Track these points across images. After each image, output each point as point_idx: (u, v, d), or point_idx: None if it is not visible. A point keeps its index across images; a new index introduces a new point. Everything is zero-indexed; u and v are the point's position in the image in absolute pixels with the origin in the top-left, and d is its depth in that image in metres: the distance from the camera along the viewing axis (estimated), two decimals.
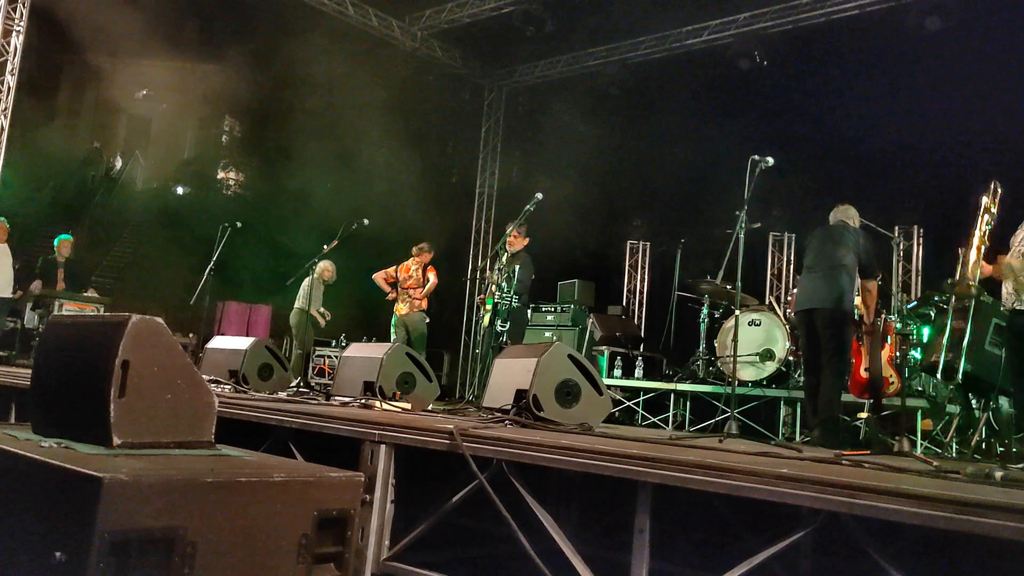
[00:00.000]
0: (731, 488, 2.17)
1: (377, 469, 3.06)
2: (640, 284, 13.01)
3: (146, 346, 2.67)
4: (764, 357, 7.32)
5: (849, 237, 5.64)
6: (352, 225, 7.37)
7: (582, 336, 8.38)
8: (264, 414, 3.62)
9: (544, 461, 2.63)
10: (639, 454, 2.42)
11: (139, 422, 2.63)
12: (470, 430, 2.97)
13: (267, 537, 2.34)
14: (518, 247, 7.06)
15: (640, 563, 2.37)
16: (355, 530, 2.54)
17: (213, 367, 5.81)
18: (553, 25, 11.15)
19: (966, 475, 2.92)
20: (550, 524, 2.63)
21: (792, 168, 8.79)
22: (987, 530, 1.77)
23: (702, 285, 8.04)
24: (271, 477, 2.37)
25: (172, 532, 2.15)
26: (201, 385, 2.78)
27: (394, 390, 5.00)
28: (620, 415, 8.25)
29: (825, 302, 5.51)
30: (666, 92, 11.95)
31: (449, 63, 13.09)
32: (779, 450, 3.68)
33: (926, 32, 9.34)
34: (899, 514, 1.88)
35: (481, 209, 13.87)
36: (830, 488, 1.99)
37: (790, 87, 10.65)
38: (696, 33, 11.32)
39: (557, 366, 4.07)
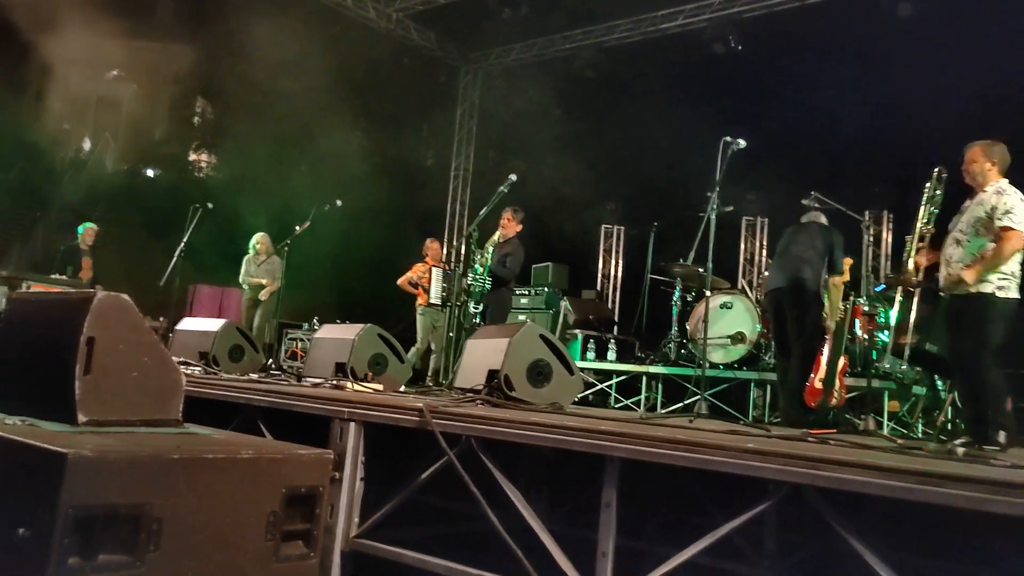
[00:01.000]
0: (699, 462, 2.20)
1: (347, 447, 3.05)
2: (614, 268, 13.06)
3: (112, 323, 2.64)
4: (735, 340, 7.40)
5: (823, 235, 5.80)
6: (324, 207, 7.31)
7: (556, 319, 8.41)
8: (233, 393, 3.60)
9: (513, 437, 2.64)
10: (607, 429, 2.44)
11: (105, 399, 2.61)
12: (440, 407, 2.97)
13: (235, 514, 2.33)
14: (511, 233, 7.02)
15: (607, 537, 2.39)
16: (324, 507, 2.54)
17: (183, 349, 5.75)
18: (529, 8, 11.10)
19: (928, 451, 2.99)
20: (519, 501, 2.65)
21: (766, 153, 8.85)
22: (945, 500, 1.81)
23: (674, 268, 8.09)
24: (238, 454, 2.36)
25: (138, 509, 2.13)
26: (168, 363, 2.75)
27: (366, 371, 4.99)
28: (593, 397, 8.29)
29: (794, 282, 5.65)
30: (641, 76, 11.95)
31: (424, 45, 12.99)
32: (747, 429, 3.72)
33: (899, 18, 9.43)
34: (861, 485, 1.92)
35: (456, 191, 13.83)
36: (794, 460, 2.02)
37: (764, 72, 10.70)
38: (671, 17, 11.33)
39: (529, 346, 4.08)
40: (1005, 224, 4.26)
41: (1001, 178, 4.49)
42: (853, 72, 10.01)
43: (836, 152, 10.22)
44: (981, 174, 4.45)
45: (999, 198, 4.34)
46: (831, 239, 5.81)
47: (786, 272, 5.70)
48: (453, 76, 13.86)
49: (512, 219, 6.99)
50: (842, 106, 9.93)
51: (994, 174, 4.47)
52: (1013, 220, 4.25)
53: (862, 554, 1.98)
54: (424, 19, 12.53)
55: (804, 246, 5.76)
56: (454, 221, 13.74)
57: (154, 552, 2.14)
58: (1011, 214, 4.26)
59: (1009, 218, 4.25)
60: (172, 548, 2.18)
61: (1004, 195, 4.34)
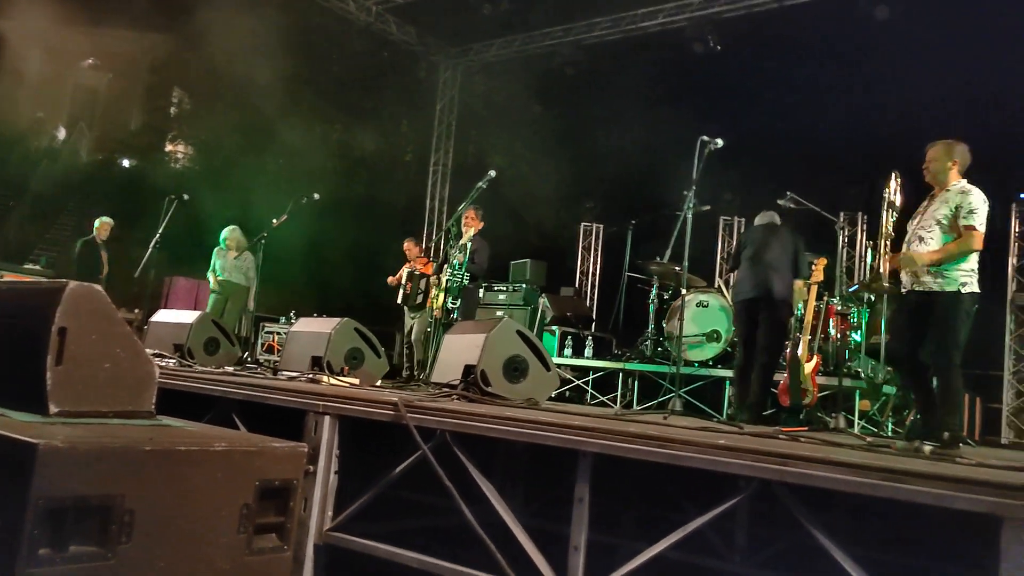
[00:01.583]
0: (670, 458, 2.22)
1: (321, 440, 3.05)
2: (592, 265, 13.11)
3: (84, 313, 2.62)
4: (710, 338, 7.46)
5: (788, 238, 5.92)
6: (302, 200, 7.27)
7: (533, 315, 8.44)
8: (207, 386, 3.58)
9: (488, 432, 2.66)
10: (580, 425, 2.46)
11: (76, 390, 2.58)
12: (415, 402, 2.98)
13: (207, 506, 2.32)
14: (473, 230, 7.07)
15: (579, 531, 2.42)
16: (297, 500, 2.53)
17: (157, 341, 5.70)
18: (509, 4, 11.09)
19: (896, 449, 3.04)
20: (493, 495, 2.66)
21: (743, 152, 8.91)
22: (910, 496, 1.84)
23: (651, 266, 8.14)
24: (211, 447, 2.35)
25: (109, 500, 2.12)
26: (141, 354, 2.73)
27: (342, 365, 4.98)
28: (570, 393, 8.33)
29: (767, 291, 5.77)
30: (621, 74, 12.00)
31: (404, 39, 12.94)
32: (720, 426, 3.76)
33: (875, 21, 9.54)
34: (829, 481, 1.95)
35: (435, 187, 13.80)
36: (764, 457, 2.06)
37: (743, 72, 10.79)
38: (651, 16, 11.37)
39: (505, 342, 4.09)
40: (969, 223, 4.36)
41: (962, 178, 4.58)
42: (830, 73, 10.13)
43: (812, 153, 10.33)
44: (943, 173, 4.54)
45: (963, 197, 4.43)
46: (796, 244, 5.96)
47: (759, 280, 5.81)
48: (433, 71, 13.83)
49: (475, 217, 7.09)
50: (818, 107, 10.05)
51: (955, 173, 4.57)
52: (975, 220, 4.35)
53: (828, 549, 2.02)
54: (404, 13, 12.48)
55: (775, 252, 5.86)
56: (433, 216, 13.71)
57: (125, 544, 2.13)
58: (975, 214, 4.36)
59: (973, 217, 4.35)
60: (144, 540, 2.16)
61: (969, 195, 4.43)
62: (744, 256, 6.06)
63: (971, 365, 8.54)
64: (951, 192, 4.51)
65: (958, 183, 4.54)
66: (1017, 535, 1.69)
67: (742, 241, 6.32)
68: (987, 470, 2.13)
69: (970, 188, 4.49)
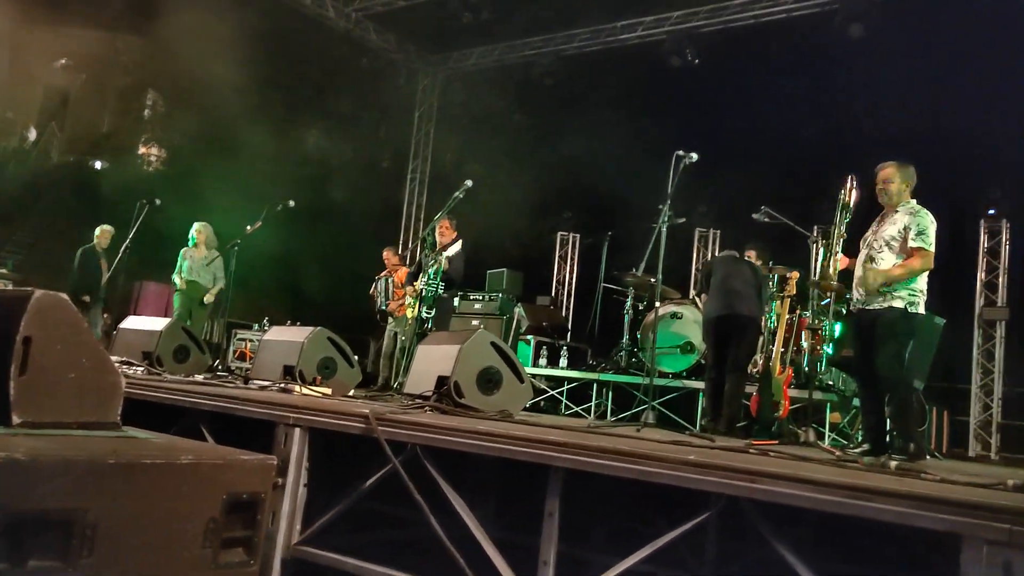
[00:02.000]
0: (640, 473, 2.23)
1: (291, 452, 3.02)
2: (569, 275, 13.15)
3: (49, 323, 2.57)
4: (684, 349, 7.50)
5: (755, 274, 6.22)
6: (277, 207, 7.22)
7: (509, 325, 8.44)
8: (176, 396, 3.53)
9: (459, 446, 2.65)
10: (551, 440, 2.46)
11: (41, 401, 2.54)
12: (386, 415, 2.96)
13: (173, 520, 2.29)
14: (448, 240, 7.08)
15: (549, 546, 2.41)
16: (265, 514, 2.50)
17: (126, 348, 5.63)
18: (489, 13, 11.12)
19: (863, 464, 3.07)
20: (462, 508, 2.65)
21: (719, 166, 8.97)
22: (874, 514, 1.86)
23: (627, 278, 8.18)
24: (178, 460, 2.32)
25: (71, 514, 2.09)
26: (107, 364, 2.69)
27: (315, 375, 4.94)
28: (545, 404, 8.33)
29: (739, 309, 6.02)
30: (599, 85, 12.07)
31: (383, 46, 12.93)
32: (692, 439, 3.78)
33: (849, 38, 9.69)
34: (795, 498, 1.97)
35: (412, 194, 13.78)
36: (731, 473, 2.07)
37: (720, 86, 10.89)
38: (630, 28, 11.47)
39: (479, 353, 4.09)
40: (918, 245, 4.47)
41: (912, 198, 4.68)
42: (805, 88, 10.24)
43: (787, 167, 10.45)
44: (897, 194, 4.67)
45: (912, 218, 4.55)
46: (759, 279, 6.26)
47: (728, 301, 6.07)
48: (412, 78, 13.82)
49: (449, 227, 7.14)
50: (794, 121, 10.16)
51: (906, 194, 4.69)
52: (925, 241, 4.47)
53: (794, 566, 2.03)
54: (384, 20, 12.47)
55: (741, 281, 6.14)
56: (410, 224, 13.69)
57: (87, 558, 2.10)
58: (924, 235, 4.48)
59: (922, 239, 4.47)
60: (107, 554, 2.13)
61: (917, 216, 4.54)
62: (713, 283, 6.27)
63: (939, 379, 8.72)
64: (900, 213, 4.63)
65: (907, 204, 4.66)
66: (976, 553, 1.72)
67: (708, 269, 6.55)
68: (950, 487, 2.16)
69: (918, 208, 4.62)
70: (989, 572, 1.70)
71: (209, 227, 9.04)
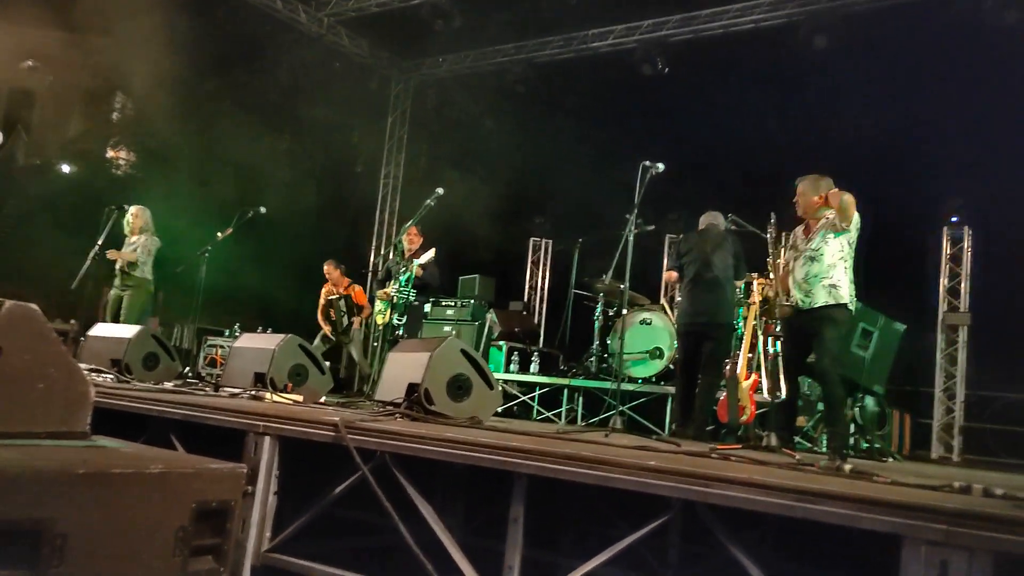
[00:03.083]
0: (600, 479, 2.30)
1: (261, 460, 3.06)
2: (542, 280, 13.23)
3: (18, 333, 2.58)
4: (653, 355, 7.61)
5: (729, 244, 6.04)
6: (248, 213, 7.21)
7: (481, 331, 8.49)
8: (145, 404, 3.55)
9: (427, 453, 2.70)
10: (516, 446, 2.52)
11: (8, 411, 2.54)
12: (356, 422, 3.00)
13: (142, 529, 2.31)
14: (416, 247, 7.15)
15: (513, 551, 2.47)
16: (235, 522, 2.53)
17: (94, 356, 5.60)
18: (462, 20, 11.19)
19: (819, 467, 3.17)
20: (429, 514, 2.71)
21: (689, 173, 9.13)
22: (821, 516, 1.95)
23: (597, 284, 8.27)
24: (147, 469, 2.34)
25: (40, 524, 2.10)
26: (76, 374, 2.70)
27: (286, 382, 4.96)
28: (518, 409, 8.40)
29: (715, 316, 5.97)
30: (571, 92, 12.19)
31: (356, 52, 12.94)
32: (658, 444, 3.86)
33: (814, 50, 9.89)
34: (747, 502, 2.05)
35: (384, 200, 13.79)
36: (687, 479, 2.14)
37: (690, 94, 11.05)
38: (602, 36, 11.60)
39: (449, 361, 4.14)
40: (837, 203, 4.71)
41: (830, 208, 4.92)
42: (773, 97, 10.44)
43: (755, 175, 10.62)
44: (812, 207, 4.88)
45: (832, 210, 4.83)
46: (737, 249, 6.18)
47: (702, 306, 5.98)
48: (385, 84, 13.84)
49: (416, 233, 7.23)
50: (762, 130, 10.35)
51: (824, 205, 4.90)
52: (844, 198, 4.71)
53: (748, 568, 2.11)
54: (356, 25, 12.49)
55: (718, 270, 6.00)
56: (382, 229, 13.69)
57: (57, 568, 2.11)
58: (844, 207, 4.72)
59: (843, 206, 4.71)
60: (76, 563, 2.15)
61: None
62: (687, 275, 6.16)
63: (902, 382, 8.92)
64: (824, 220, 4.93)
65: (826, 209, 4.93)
66: (915, 553, 1.81)
67: (682, 250, 6.40)
68: (897, 488, 2.25)
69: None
70: (927, 571, 1.79)
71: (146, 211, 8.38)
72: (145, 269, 8.07)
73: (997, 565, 1.72)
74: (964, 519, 1.76)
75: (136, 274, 8.01)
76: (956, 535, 1.76)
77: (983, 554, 1.73)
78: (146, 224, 8.19)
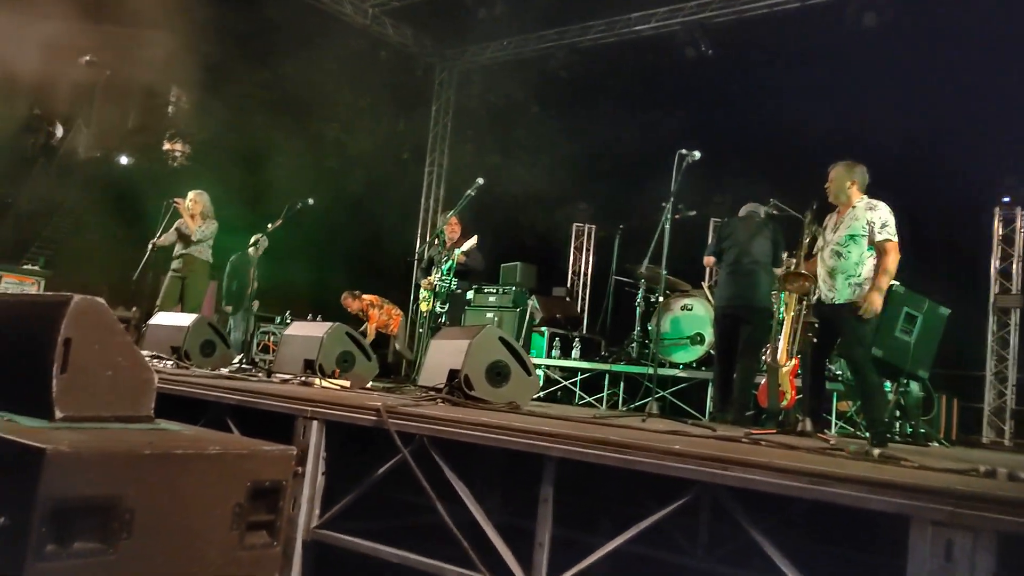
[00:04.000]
0: (624, 462, 2.41)
1: (309, 443, 3.24)
2: (584, 266, 13.30)
3: (87, 325, 2.78)
4: (694, 340, 7.65)
5: (768, 230, 6.05)
6: (297, 204, 7.44)
7: (522, 317, 8.62)
8: (203, 390, 3.77)
9: (463, 437, 2.85)
10: (546, 431, 2.65)
11: (80, 397, 2.75)
12: (397, 407, 3.17)
13: (202, 505, 2.49)
14: (457, 236, 7.30)
15: (544, 530, 2.61)
16: (287, 500, 2.71)
17: (155, 343, 5.89)
18: (504, 6, 11.26)
19: (849, 452, 3.23)
20: (465, 495, 2.86)
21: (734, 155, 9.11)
22: (832, 498, 2.04)
23: (637, 270, 8.32)
24: (206, 450, 2.52)
25: (111, 501, 2.28)
26: (141, 362, 2.90)
27: (334, 368, 5.16)
28: (561, 394, 8.52)
29: (752, 300, 5.98)
30: (614, 77, 12.18)
31: (400, 41, 13.11)
32: (692, 429, 3.96)
33: (863, 28, 9.73)
34: (763, 484, 2.15)
35: (429, 188, 13.97)
36: (706, 462, 2.25)
37: (734, 75, 10.95)
38: (644, 19, 11.55)
39: (488, 347, 4.28)
40: (885, 237, 4.72)
41: (862, 195, 4.91)
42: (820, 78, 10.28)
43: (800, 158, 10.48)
44: (843, 192, 4.90)
45: (873, 213, 4.78)
46: (777, 237, 6.13)
47: (739, 289, 6.01)
48: (429, 72, 13.99)
49: (457, 223, 7.36)
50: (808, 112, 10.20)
51: (855, 192, 4.94)
52: (891, 233, 4.73)
53: (763, 547, 2.21)
54: (400, 15, 12.65)
55: (758, 250, 6.03)
56: (427, 216, 13.89)
57: (126, 540, 2.30)
58: (888, 227, 4.74)
59: (887, 231, 4.72)
60: (143, 537, 2.33)
61: (876, 210, 4.78)
62: (726, 260, 6.21)
63: (952, 366, 8.80)
64: (859, 209, 4.85)
65: (862, 200, 4.87)
66: (922, 533, 1.89)
67: (723, 235, 6.43)
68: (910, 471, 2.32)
69: (876, 203, 4.84)
70: (933, 551, 1.87)
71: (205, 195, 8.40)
72: (205, 252, 8.20)
73: (1001, 545, 1.79)
74: (969, 500, 1.84)
75: (198, 256, 8.11)
76: (961, 516, 1.83)
77: (987, 534, 1.80)
78: (205, 208, 8.27)
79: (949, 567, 1.83)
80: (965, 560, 1.81)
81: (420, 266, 7.75)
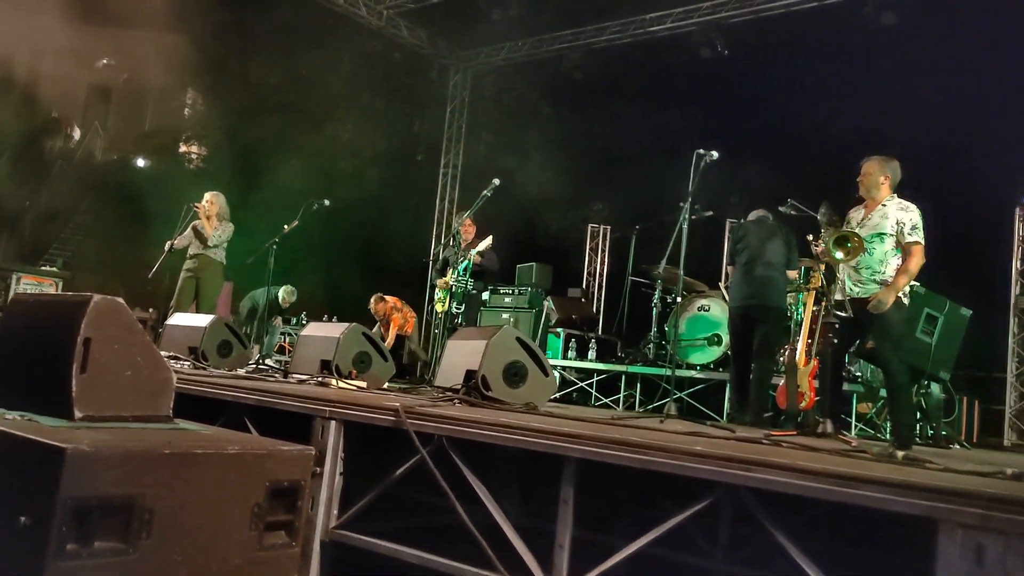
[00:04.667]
0: (644, 463, 2.39)
1: (327, 444, 3.24)
2: (600, 267, 13.26)
3: (107, 325, 2.80)
4: (711, 341, 7.61)
5: (782, 233, 6.05)
6: (313, 206, 7.45)
7: (538, 318, 8.60)
8: (221, 391, 3.77)
9: (481, 437, 2.83)
10: (565, 431, 2.63)
11: (100, 397, 2.76)
12: (415, 408, 3.16)
13: (221, 505, 2.49)
14: (471, 237, 7.29)
15: (564, 531, 2.59)
16: (305, 500, 2.71)
17: (172, 343, 5.91)
18: (519, 8, 11.25)
19: (872, 454, 3.19)
20: (484, 495, 2.84)
21: (750, 156, 9.05)
22: (856, 500, 2.01)
23: (654, 271, 8.29)
24: (225, 450, 2.52)
25: (130, 500, 2.28)
26: (160, 362, 2.91)
27: (350, 369, 5.16)
28: (577, 395, 8.50)
29: (766, 299, 5.94)
30: (629, 78, 12.14)
31: (415, 42, 13.13)
32: (711, 430, 3.92)
33: (880, 26, 9.65)
34: (784, 485, 2.12)
35: (444, 189, 13.98)
36: (728, 463, 2.22)
37: (750, 75, 10.89)
38: (659, 20, 11.50)
39: (505, 348, 4.27)
40: (915, 239, 4.70)
41: (892, 192, 4.86)
42: (837, 78, 10.21)
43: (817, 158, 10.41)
44: (875, 187, 4.86)
45: (905, 214, 4.74)
46: (790, 240, 6.11)
47: (754, 288, 5.97)
48: (443, 73, 14.00)
49: (472, 224, 7.35)
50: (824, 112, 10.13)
51: (886, 188, 4.88)
52: (920, 236, 4.71)
53: (787, 549, 2.18)
54: (415, 17, 12.66)
55: (771, 251, 6.01)
56: (442, 218, 13.89)
57: (146, 540, 2.31)
58: (918, 230, 4.71)
59: (917, 233, 4.70)
60: (162, 536, 2.34)
61: (909, 211, 4.75)
62: (739, 261, 6.19)
63: (973, 367, 8.70)
64: (889, 207, 4.81)
65: (893, 199, 4.83)
66: (951, 537, 1.85)
67: (736, 237, 6.44)
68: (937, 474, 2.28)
69: (908, 204, 4.80)
70: (963, 555, 1.83)
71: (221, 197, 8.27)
72: (219, 253, 8.19)
73: None
74: (1000, 504, 1.80)
75: (213, 257, 8.07)
76: (992, 519, 1.80)
77: (1019, 538, 1.76)
78: (221, 210, 8.23)
79: (980, 572, 1.80)
80: (996, 564, 1.78)
81: (435, 267, 7.74)
